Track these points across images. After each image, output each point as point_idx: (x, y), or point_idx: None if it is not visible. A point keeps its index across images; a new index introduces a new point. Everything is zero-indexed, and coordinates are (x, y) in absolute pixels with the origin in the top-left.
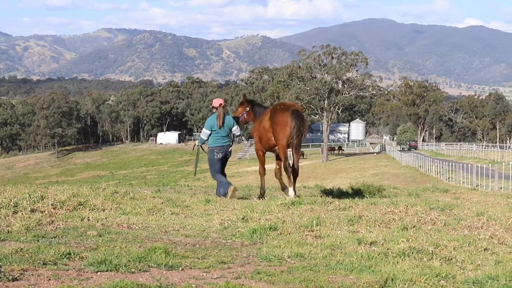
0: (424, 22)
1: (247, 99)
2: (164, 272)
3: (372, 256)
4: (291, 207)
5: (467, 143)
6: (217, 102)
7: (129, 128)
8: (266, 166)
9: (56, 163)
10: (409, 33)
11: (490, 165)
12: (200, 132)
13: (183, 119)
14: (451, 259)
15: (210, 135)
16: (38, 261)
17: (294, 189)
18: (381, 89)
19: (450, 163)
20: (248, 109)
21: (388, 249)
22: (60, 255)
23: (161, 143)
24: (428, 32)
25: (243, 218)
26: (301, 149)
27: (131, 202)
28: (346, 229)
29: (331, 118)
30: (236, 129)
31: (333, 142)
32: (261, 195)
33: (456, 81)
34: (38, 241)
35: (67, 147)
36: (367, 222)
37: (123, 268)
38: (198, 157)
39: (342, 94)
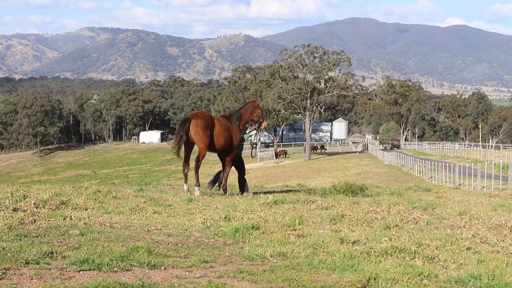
0: (407, 21)
1: None
2: (147, 271)
3: (355, 255)
4: (273, 206)
5: (449, 142)
6: None
7: (111, 127)
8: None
9: (39, 162)
10: (392, 32)
11: (472, 164)
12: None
13: (166, 118)
14: (434, 258)
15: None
16: (21, 260)
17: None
18: (364, 88)
19: (432, 162)
20: None
21: (370, 248)
22: (43, 254)
23: (143, 142)
24: (410, 31)
25: (225, 217)
26: (283, 149)
27: (114, 201)
28: (328, 228)
29: (313, 118)
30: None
31: (316, 141)
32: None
33: (439, 80)
34: (20, 240)
35: (49, 146)
36: (350, 221)
37: (106, 267)
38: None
39: (324, 94)
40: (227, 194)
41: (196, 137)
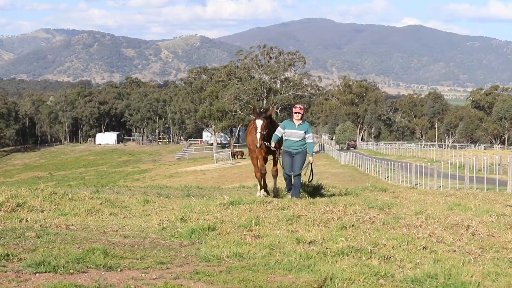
0: (363, 22)
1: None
2: (103, 273)
3: (311, 256)
4: (230, 207)
5: (406, 142)
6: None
7: (67, 129)
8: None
9: None
10: (348, 32)
11: (428, 164)
12: (137, 132)
13: (122, 120)
14: (390, 258)
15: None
16: None
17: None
18: (320, 88)
19: (389, 162)
20: None
21: (327, 248)
22: None
23: (99, 144)
24: (366, 32)
25: (181, 219)
26: (240, 149)
27: (70, 203)
28: (285, 228)
29: None
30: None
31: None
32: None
33: (395, 81)
34: None
35: (5, 148)
36: (306, 221)
37: (62, 269)
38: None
39: (280, 94)
40: (271, 196)
41: None
